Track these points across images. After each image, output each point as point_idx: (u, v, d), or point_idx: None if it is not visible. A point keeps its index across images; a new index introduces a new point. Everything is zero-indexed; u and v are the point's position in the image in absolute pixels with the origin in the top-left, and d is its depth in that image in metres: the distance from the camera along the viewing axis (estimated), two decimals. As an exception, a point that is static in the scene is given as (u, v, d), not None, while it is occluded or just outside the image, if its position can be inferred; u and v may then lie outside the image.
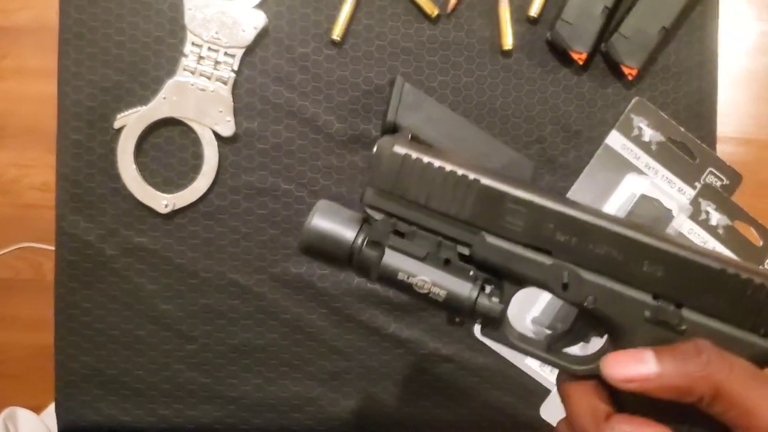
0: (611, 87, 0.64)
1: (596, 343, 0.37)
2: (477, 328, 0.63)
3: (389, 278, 0.36)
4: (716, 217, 0.65)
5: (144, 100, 0.62)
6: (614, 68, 0.64)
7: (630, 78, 0.63)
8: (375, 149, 0.38)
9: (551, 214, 0.35)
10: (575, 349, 0.37)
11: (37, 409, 1.07)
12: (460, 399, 0.64)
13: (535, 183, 0.41)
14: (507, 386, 0.64)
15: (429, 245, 0.36)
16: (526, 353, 0.37)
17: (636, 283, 0.34)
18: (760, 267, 0.33)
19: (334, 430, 0.64)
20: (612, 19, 0.63)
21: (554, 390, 0.63)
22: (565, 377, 0.36)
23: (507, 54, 0.63)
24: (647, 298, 0.34)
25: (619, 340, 0.35)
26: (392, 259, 0.36)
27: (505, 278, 0.36)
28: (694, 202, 0.64)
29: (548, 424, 0.64)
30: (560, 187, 0.64)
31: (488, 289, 0.36)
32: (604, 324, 0.35)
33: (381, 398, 0.64)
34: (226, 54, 0.61)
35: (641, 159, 0.64)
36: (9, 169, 1.22)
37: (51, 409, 1.00)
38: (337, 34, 0.62)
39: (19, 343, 1.22)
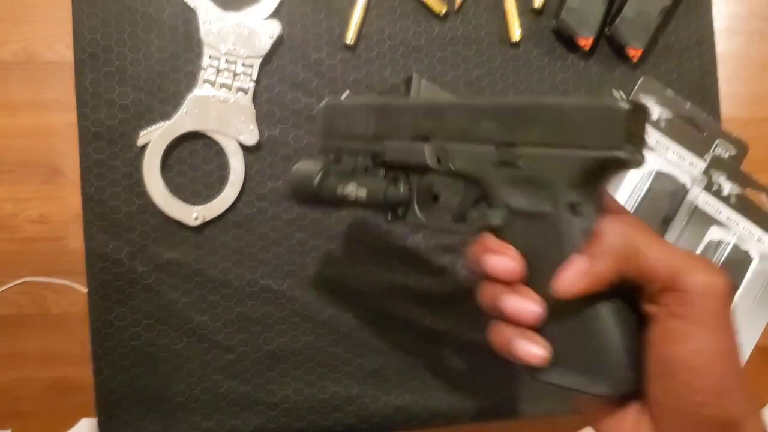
0: (617, 69, 0.67)
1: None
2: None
3: (334, 197, 0.47)
4: (728, 187, 0.67)
5: (165, 116, 0.62)
6: (619, 51, 0.66)
7: (635, 60, 0.65)
8: (316, 111, 0.50)
9: (418, 109, 0.44)
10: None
11: (53, 445, 1.06)
12: (500, 386, 0.65)
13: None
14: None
15: (354, 161, 0.48)
16: (436, 228, 0.46)
17: (480, 140, 0.41)
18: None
19: (377, 426, 0.64)
20: (614, 4, 0.65)
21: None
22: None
23: (515, 45, 0.65)
24: (490, 148, 0.40)
25: (483, 188, 0.41)
26: (331, 181, 0.47)
27: (408, 171, 0.45)
28: (706, 174, 0.66)
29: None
30: (577, 169, 0.66)
31: (399, 183, 0.46)
32: (470, 180, 0.42)
33: (421, 391, 0.64)
34: (243, 65, 0.62)
35: (652, 136, 0.66)
36: (6, 204, 1.20)
37: (70, 441, 0.99)
38: (349, 38, 0.63)
39: (30, 379, 1.20)
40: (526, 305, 0.37)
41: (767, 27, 0.97)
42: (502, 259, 0.38)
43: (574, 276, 0.35)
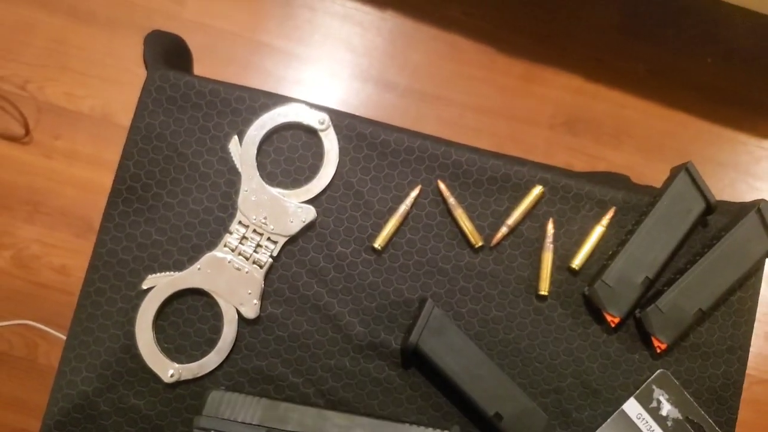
0: (638, 353, 0.64)
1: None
2: None
3: None
4: None
5: (178, 265, 0.62)
6: (644, 336, 0.63)
7: (658, 351, 0.62)
8: (208, 397, 0.58)
9: (305, 413, 0.58)
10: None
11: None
12: None
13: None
14: None
15: None
16: None
17: None
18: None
19: None
20: (651, 288, 0.63)
21: None
22: None
23: (542, 298, 0.63)
24: None
25: None
26: None
27: None
28: (702, 491, 0.62)
29: None
30: (568, 443, 0.62)
31: None
32: None
33: None
34: (269, 239, 0.62)
35: (655, 432, 0.62)
36: (33, 245, 1.23)
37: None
38: (379, 242, 0.63)
39: (-6, 422, 1.20)
40: None
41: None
42: None
43: None
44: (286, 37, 1.28)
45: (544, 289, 0.63)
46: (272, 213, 0.62)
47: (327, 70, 1.27)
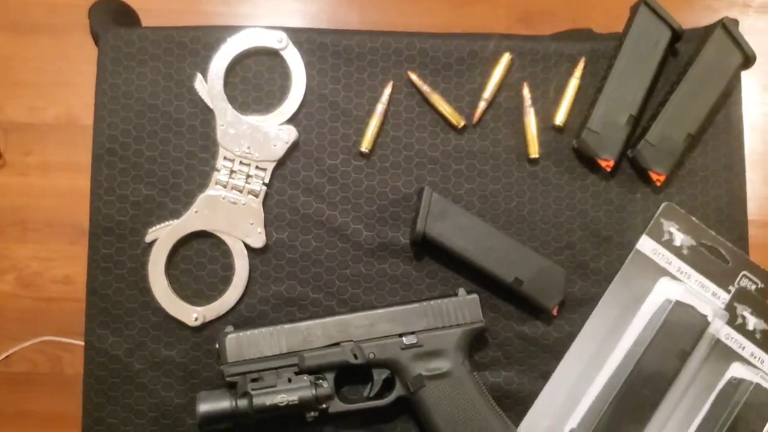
0: (639, 192, 0.64)
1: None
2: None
3: (263, 410, 0.56)
4: (753, 321, 0.63)
5: (175, 214, 0.62)
6: (642, 174, 0.64)
7: (658, 184, 0.63)
8: (218, 344, 0.59)
9: (327, 325, 0.59)
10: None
11: None
12: None
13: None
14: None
15: (274, 377, 0.57)
16: (356, 409, 0.59)
17: (388, 334, 0.59)
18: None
19: None
20: (638, 126, 0.64)
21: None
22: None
23: (534, 162, 0.64)
24: (396, 338, 0.59)
25: (396, 370, 0.59)
26: (258, 398, 0.56)
27: (325, 371, 0.58)
28: (730, 307, 0.63)
29: None
30: (593, 292, 0.63)
31: (321, 383, 0.57)
32: (384, 366, 0.59)
33: None
34: (257, 167, 0.62)
35: (673, 264, 0.64)
36: (31, 263, 1.23)
37: None
38: (365, 146, 0.63)
39: (35, 441, 1.20)
40: None
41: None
42: None
43: None
44: (226, 3, 1.27)
45: (533, 152, 0.64)
46: (254, 141, 0.62)
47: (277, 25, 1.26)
